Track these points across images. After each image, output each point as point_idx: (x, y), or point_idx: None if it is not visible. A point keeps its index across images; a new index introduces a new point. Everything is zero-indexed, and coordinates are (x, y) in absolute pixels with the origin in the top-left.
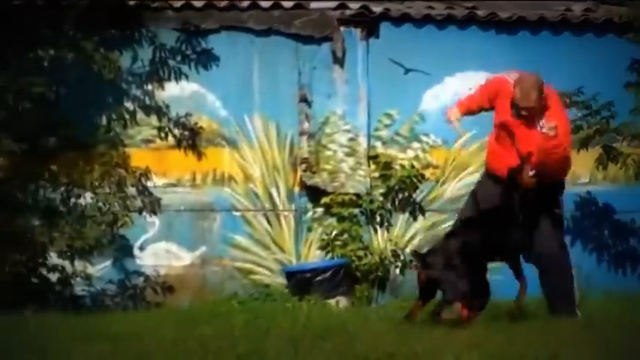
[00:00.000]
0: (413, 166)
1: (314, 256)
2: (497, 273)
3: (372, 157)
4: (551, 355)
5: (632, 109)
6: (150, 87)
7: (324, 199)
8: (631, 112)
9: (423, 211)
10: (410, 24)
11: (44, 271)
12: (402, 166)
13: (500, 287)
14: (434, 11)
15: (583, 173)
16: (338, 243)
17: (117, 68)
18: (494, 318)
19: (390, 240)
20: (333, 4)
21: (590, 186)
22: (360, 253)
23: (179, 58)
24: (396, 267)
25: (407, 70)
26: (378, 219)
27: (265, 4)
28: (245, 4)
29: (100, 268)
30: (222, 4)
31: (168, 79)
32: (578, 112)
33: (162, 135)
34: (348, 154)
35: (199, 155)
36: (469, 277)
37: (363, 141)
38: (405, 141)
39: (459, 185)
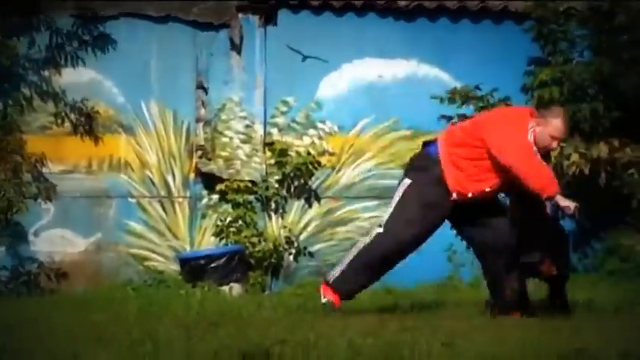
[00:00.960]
0: (309, 153)
1: (208, 243)
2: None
3: (268, 144)
4: (446, 343)
5: (526, 101)
6: (47, 73)
7: (220, 186)
8: (526, 103)
9: (318, 198)
10: (308, 11)
11: None
12: (298, 153)
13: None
14: None
15: None
16: (232, 230)
17: (14, 55)
18: (390, 306)
19: (285, 227)
20: None
21: None
22: (255, 239)
23: (76, 43)
24: (290, 254)
25: (304, 57)
26: (273, 206)
27: None
28: None
29: None
30: None
31: (65, 65)
32: (474, 107)
33: (59, 121)
34: (244, 141)
35: (96, 141)
36: None
37: (259, 128)
38: (301, 128)
39: (355, 172)
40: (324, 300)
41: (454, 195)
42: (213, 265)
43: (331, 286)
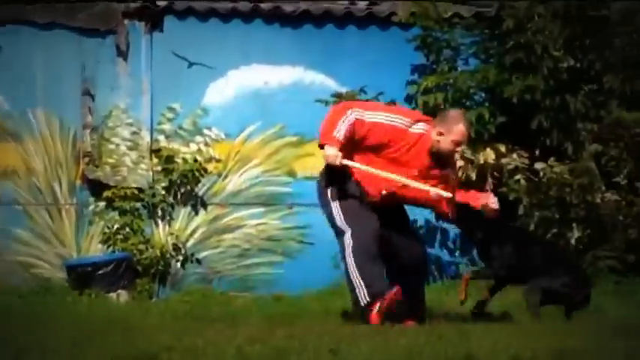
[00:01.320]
0: (195, 160)
1: (95, 250)
2: (280, 267)
3: (155, 151)
4: (333, 349)
5: (413, 108)
6: None
7: (106, 193)
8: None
9: (205, 205)
10: (194, 17)
11: None
12: (185, 160)
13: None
14: (218, 5)
15: None
16: (119, 237)
17: None
18: (277, 313)
19: (172, 234)
20: None
21: None
22: (142, 246)
23: None
24: (177, 261)
25: (191, 64)
26: (160, 213)
27: None
28: None
29: None
30: None
31: None
32: None
33: None
34: (130, 148)
35: None
36: None
37: (145, 135)
38: (188, 135)
39: (242, 179)
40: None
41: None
42: (100, 272)
43: (371, 305)
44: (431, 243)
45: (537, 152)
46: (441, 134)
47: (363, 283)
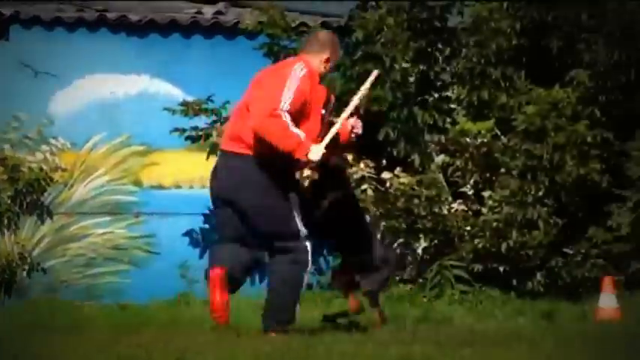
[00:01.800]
0: (41, 169)
1: None
2: (127, 276)
3: (0, 160)
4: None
5: None
6: None
7: None
8: None
9: (51, 214)
10: (40, 27)
11: None
12: (31, 169)
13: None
14: (64, 14)
15: None
16: None
17: None
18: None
19: (18, 243)
20: None
21: None
22: None
23: None
24: (23, 270)
25: (36, 73)
26: (6, 222)
27: None
28: None
29: None
30: None
31: None
32: (207, 119)
33: None
34: None
35: None
36: None
37: None
38: (33, 144)
39: (88, 188)
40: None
41: None
42: None
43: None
44: None
45: (384, 162)
46: (327, 61)
47: (294, 305)
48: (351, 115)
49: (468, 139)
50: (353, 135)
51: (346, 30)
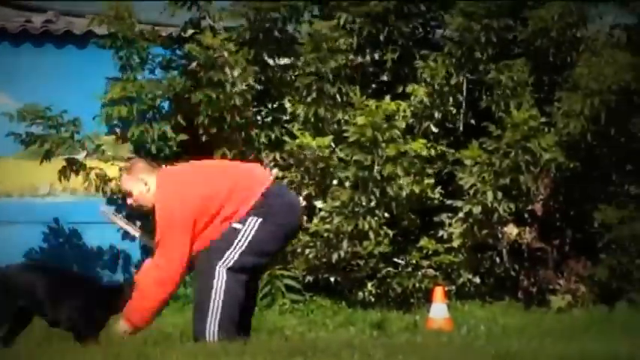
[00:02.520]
0: None
1: None
2: None
3: None
4: None
5: (94, 117)
6: None
7: None
8: (94, 119)
9: None
10: None
11: None
12: None
13: None
14: None
15: (43, 185)
16: None
17: None
18: None
19: None
20: None
21: (49, 198)
22: None
23: None
24: None
25: None
26: None
27: None
28: None
29: None
30: None
31: None
32: (44, 126)
33: None
34: None
35: None
36: None
37: None
38: None
39: None
40: None
41: None
42: None
43: None
44: (113, 268)
45: None
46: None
47: None
48: None
49: (305, 153)
50: None
51: (180, 40)
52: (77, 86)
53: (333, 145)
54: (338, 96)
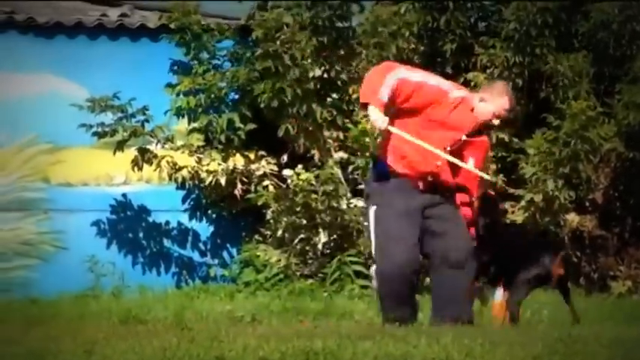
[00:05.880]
0: None
1: None
2: (35, 271)
3: None
4: (88, 350)
5: (166, 111)
6: None
7: None
8: (165, 113)
9: None
10: None
11: None
12: None
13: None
14: None
15: (118, 175)
16: None
17: None
18: (34, 315)
19: None
20: None
21: (124, 187)
22: None
23: None
24: None
25: None
26: None
27: None
28: None
29: None
30: None
31: None
32: (113, 115)
33: None
34: None
35: None
36: None
37: None
38: None
39: None
40: None
41: (420, 185)
42: None
43: None
44: (182, 244)
45: (285, 159)
46: (483, 100)
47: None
48: None
49: (367, 139)
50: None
51: (247, 30)
52: (150, 79)
53: None
54: None
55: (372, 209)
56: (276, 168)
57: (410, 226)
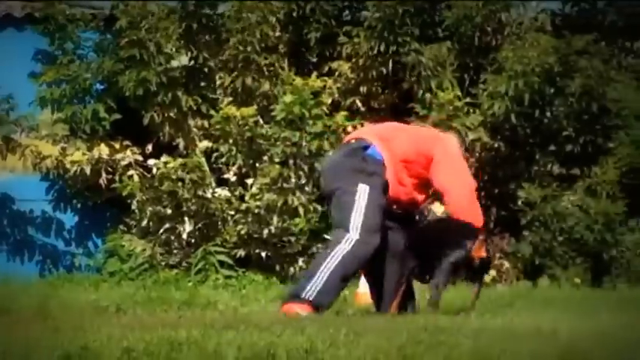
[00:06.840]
0: None
1: None
2: None
3: None
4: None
5: (30, 102)
6: None
7: None
8: (30, 104)
9: None
10: None
11: None
12: None
13: None
14: None
15: None
16: None
17: None
18: None
19: None
20: None
21: None
22: None
23: None
24: None
25: None
26: None
27: None
28: None
29: None
30: None
31: None
32: None
33: None
34: None
35: None
36: None
37: None
38: None
39: None
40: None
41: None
42: None
43: (309, 302)
44: (46, 233)
45: (150, 149)
46: None
47: (320, 286)
48: None
49: (231, 126)
50: None
51: (112, 17)
52: (15, 68)
53: (260, 119)
54: (265, 68)
55: (365, 188)
56: (141, 158)
57: (383, 222)
